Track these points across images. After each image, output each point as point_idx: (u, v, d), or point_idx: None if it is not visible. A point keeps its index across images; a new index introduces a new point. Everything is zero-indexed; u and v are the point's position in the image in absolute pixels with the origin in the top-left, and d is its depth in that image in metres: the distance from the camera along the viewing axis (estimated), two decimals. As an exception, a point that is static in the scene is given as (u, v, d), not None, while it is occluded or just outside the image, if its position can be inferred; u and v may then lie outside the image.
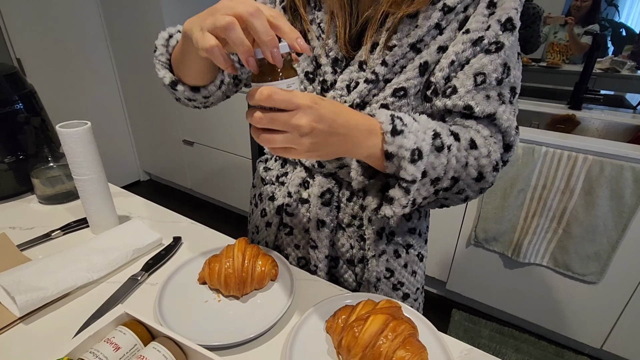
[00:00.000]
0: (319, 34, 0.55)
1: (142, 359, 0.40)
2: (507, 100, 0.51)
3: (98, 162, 0.65)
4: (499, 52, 0.48)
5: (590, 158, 1.24)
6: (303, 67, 0.58)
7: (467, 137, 0.49)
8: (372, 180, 0.50)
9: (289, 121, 0.37)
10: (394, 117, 0.44)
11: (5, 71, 0.79)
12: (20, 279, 0.53)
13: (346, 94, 0.55)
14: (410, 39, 0.50)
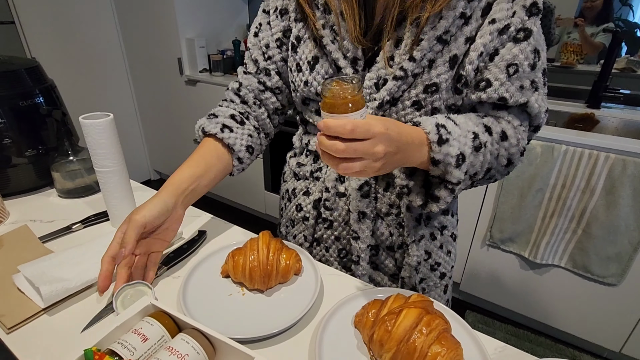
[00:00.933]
0: (333, 37, 0.55)
1: (171, 350, 0.39)
2: (541, 84, 0.51)
3: (120, 154, 0.65)
4: (528, 39, 0.49)
5: (612, 156, 1.21)
6: (322, 74, 0.58)
7: (498, 130, 0.52)
8: (413, 178, 0.54)
9: (369, 150, 0.40)
10: (439, 126, 0.47)
11: (26, 65, 0.80)
12: (43, 270, 0.53)
13: (375, 91, 0.55)
14: (437, 31, 0.49)
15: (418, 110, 0.53)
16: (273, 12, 0.62)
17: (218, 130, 0.62)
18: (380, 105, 0.54)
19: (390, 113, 0.55)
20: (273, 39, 0.63)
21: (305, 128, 0.68)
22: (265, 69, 0.66)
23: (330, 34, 0.55)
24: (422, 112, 0.53)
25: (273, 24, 0.62)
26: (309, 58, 0.58)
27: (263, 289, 0.53)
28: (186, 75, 2.30)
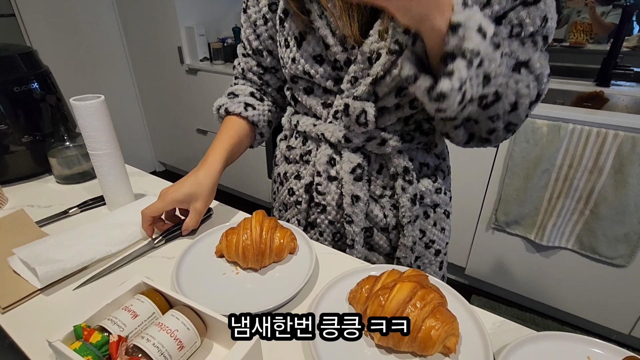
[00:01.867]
0: (320, 12, 0.52)
1: (161, 326, 0.38)
2: (541, 47, 0.49)
3: (113, 137, 0.65)
4: (538, 3, 0.46)
5: (622, 134, 1.17)
6: (310, 52, 0.55)
7: (510, 65, 0.47)
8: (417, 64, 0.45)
9: None
10: None
11: (20, 51, 0.79)
12: (39, 252, 0.53)
13: (368, 67, 0.52)
14: None
15: None
16: None
17: (242, 110, 0.66)
18: (374, 81, 0.52)
19: (381, 88, 0.53)
20: (260, 15, 0.61)
21: (295, 107, 0.66)
22: (257, 49, 0.65)
23: (318, 8, 0.52)
24: None
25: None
26: (295, 34, 0.56)
27: (257, 267, 0.52)
28: (187, 65, 2.29)
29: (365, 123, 0.54)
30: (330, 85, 0.57)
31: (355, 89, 0.54)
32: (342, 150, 0.60)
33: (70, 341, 0.38)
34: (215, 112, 0.70)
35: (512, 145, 1.36)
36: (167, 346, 0.37)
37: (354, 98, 0.54)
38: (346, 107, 0.55)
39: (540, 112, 1.29)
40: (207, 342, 0.43)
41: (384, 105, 0.55)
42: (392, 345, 0.40)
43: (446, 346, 0.39)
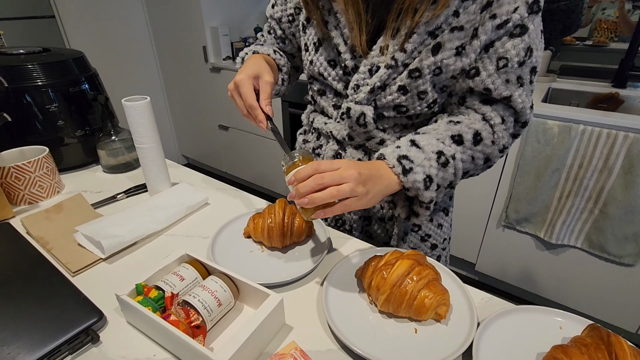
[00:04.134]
0: (336, 23, 0.59)
1: (203, 287, 0.47)
2: (527, 81, 0.54)
3: (156, 133, 0.74)
4: (523, 36, 0.50)
5: (632, 136, 1.20)
6: (325, 56, 0.63)
7: (470, 136, 0.55)
8: (396, 195, 0.59)
9: (342, 174, 0.45)
10: (401, 158, 0.52)
11: (73, 55, 0.90)
12: (99, 229, 0.63)
13: (368, 77, 0.59)
14: (429, 27, 0.52)
15: (404, 95, 0.57)
16: None
17: (271, 52, 0.71)
18: (371, 90, 0.58)
19: (379, 97, 0.59)
20: (286, 14, 0.70)
21: (314, 105, 0.74)
22: (281, 37, 0.74)
23: (334, 20, 0.60)
24: (407, 97, 0.57)
25: (288, 0, 0.69)
26: (314, 40, 0.64)
27: (280, 246, 0.61)
28: (211, 63, 2.40)
29: (365, 124, 0.61)
30: (341, 88, 0.64)
31: (357, 94, 0.61)
32: (347, 146, 0.67)
33: (133, 296, 0.47)
34: (240, 59, 0.72)
35: (523, 144, 1.40)
36: (209, 302, 0.46)
37: (356, 102, 0.61)
38: (348, 110, 0.62)
39: (552, 113, 1.33)
40: (238, 304, 0.51)
41: (382, 112, 0.62)
42: (392, 311, 0.48)
43: (437, 313, 0.47)
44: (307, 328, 0.48)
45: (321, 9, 0.61)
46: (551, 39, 1.98)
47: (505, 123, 0.56)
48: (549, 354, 0.41)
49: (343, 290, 0.53)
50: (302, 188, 0.45)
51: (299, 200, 0.46)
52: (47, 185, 0.78)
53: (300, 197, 0.45)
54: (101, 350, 0.45)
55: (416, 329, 0.47)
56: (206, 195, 0.77)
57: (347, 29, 0.58)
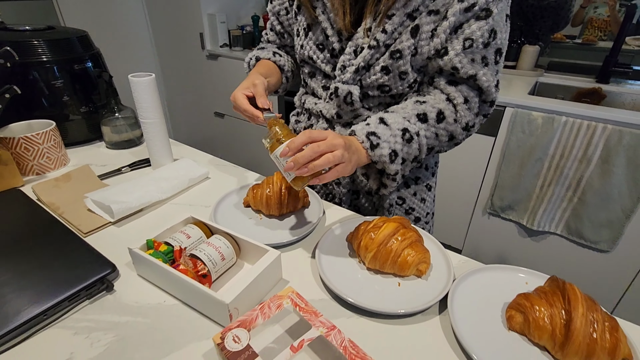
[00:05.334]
0: (323, 9, 0.64)
1: (208, 243, 0.52)
2: (492, 62, 0.58)
3: (160, 109, 0.78)
4: (487, 18, 0.55)
5: (610, 127, 1.27)
6: (314, 40, 0.68)
7: (433, 115, 0.61)
8: (369, 168, 0.67)
9: (332, 142, 0.50)
10: (369, 134, 0.57)
11: (77, 34, 0.93)
12: (107, 195, 0.67)
13: (353, 57, 0.64)
14: (407, 9, 0.57)
15: (387, 75, 0.62)
16: None
17: (271, 55, 0.77)
18: (356, 70, 0.63)
19: (364, 77, 0.64)
20: (283, 7, 0.75)
21: (305, 88, 0.79)
22: (280, 32, 0.80)
23: (322, 5, 0.64)
24: (390, 77, 0.62)
25: None
26: (304, 25, 0.69)
27: (277, 214, 0.66)
28: (207, 50, 2.42)
29: (352, 102, 0.66)
30: (329, 70, 0.69)
31: (344, 75, 0.65)
32: (335, 124, 0.72)
33: (144, 250, 0.52)
34: (247, 64, 0.79)
35: (509, 135, 1.47)
36: (213, 256, 0.51)
37: (343, 82, 0.66)
38: (336, 89, 0.66)
39: (537, 104, 1.39)
40: (239, 262, 0.56)
41: (367, 92, 0.66)
42: (378, 267, 0.53)
43: (419, 269, 0.53)
44: (302, 282, 0.53)
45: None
46: (540, 35, 2.04)
47: (468, 103, 0.61)
48: (513, 301, 0.47)
49: (334, 251, 0.58)
50: (301, 158, 0.48)
51: (299, 170, 0.49)
52: (54, 157, 0.82)
53: (300, 166, 0.48)
54: (115, 297, 0.50)
55: (399, 282, 0.53)
56: (207, 170, 0.81)
57: (333, 13, 0.63)
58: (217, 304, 0.44)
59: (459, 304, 0.48)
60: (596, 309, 0.41)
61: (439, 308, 0.50)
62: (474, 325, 0.45)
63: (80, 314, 0.47)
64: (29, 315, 0.44)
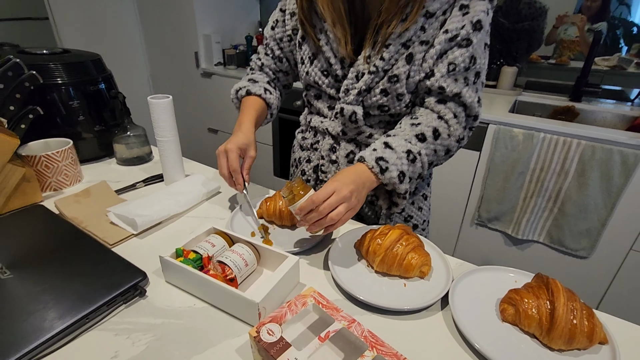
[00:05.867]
0: (326, 40, 0.72)
1: (233, 251, 0.58)
2: (471, 82, 0.67)
3: (175, 129, 0.84)
4: (468, 47, 0.64)
5: (583, 143, 1.39)
6: (319, 67, 0.75)
7: (430, 133, 0.68)
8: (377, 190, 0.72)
9: (339, 196, 0.57)
10: (378, 159, 0.64)
11: (91, 57, 0.98)
12: (129, 209, 0.72)
13: (356, 82, 0.71)
14: (402, 39, 0.65)
15: (386, 96, 0.69)
16: (288, 13, 0.80)
17: (262, 92, 0.83)
18: (359, 92, 0.71)
19: (366, 99, 0.72)
20: (285, 34, 0.82)
21: (310, 109, 0.86)
22: (279, 57, 0.86)
23: (325, 37, 0.72)
24: (388, 98, 0.70)
25: (287, 22, 0.81)
26: (309, 54, 0.76)
27: (289, 225, 0.72)
28: (202, 68, 2.49)
29: (356, 121, 0.74)
30: (333, 93, 0.77)
31: (348, 97, 0.73)
32: (340, 140, 0.80)
33: (173, 258, 0.57)
34: (234, 93, 0.85)
35: (493, 150, 1.57)
36: (238, 262, 0.56)
37: (347, 103, 0.74)
38: (342, 110, 0.74)
39: (517, 122, 1.50)
40: (259, 268, 0.62)
41: (369, 111, 0.74)
42: (385, 270, 0.60)
43: (422, 271, 0.59)
44: (317, 285, 0.59)
45: (314, 28, 0.73)
46: (518, 57, 2.19)
47: (457, 118, 0.69)
48: (505, 296, 0.53)
49: (345, 257, 0.64)
50: (309, 221, 0.58)
51: (309, 228, 0.59)
52: (71, 174, 0.86)
53: (310, 227, 0.59)
54: (148, 301, 0.54)
55: (405, 283, 0.59)
56: (219, 184, 0.87)
57: (336, 44, 0.71)
58: (248, 303, 0.49)
59: (458, 301, 0.54)
60: (575, 299, 0.48)
61: (441, 305, 0.56)
62: (473, 319, 0.52)
63: (118, 317, 0.52)
64: (73, 319, 0.49)
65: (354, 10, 0.70)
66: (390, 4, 0.63)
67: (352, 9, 0.70)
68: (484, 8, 0.64)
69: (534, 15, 2.15)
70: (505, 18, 2.17)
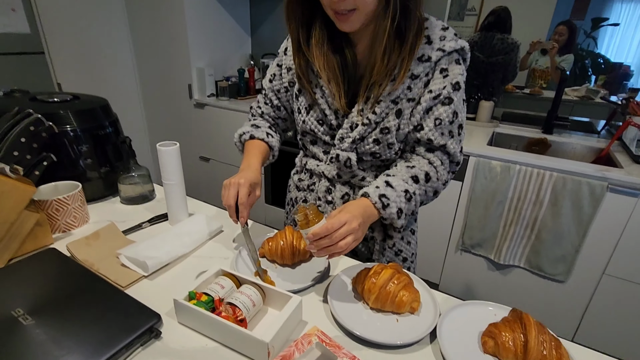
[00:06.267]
0: (322, 94, 0.81)
1: (241, 292, 0.63)
2: (456, 134, 0.77)
3: (181, 172, 0.90)
4: (450, 104, 0.74)
5: (555, 175, 1.50)
6: (315, 117, 0.84)
7: (422, 176, 0.77)
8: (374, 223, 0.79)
9: (349, 228, 0.64)
10: (381, 196, 0.71)
11: (100, 103, 1.05)
12: (139, 252, 0.76)
13: (350, 131, 0.80)
14: (391, 97, 0.75)
15: (378, 145, 0.78)
16: (284, 68, 0.89)
17: (265, 136, 0.90)
18: (353, 141, 0.79)
19: (359, 146, 0.80)
20: (282, 86, 0.91)
21: (305, 152, 0.94)
22: (277, 106, 0.94)
23: (320, 91, 0.81)
24: (380, 147, 0.78)
25: (283, 76, 0.89)
26: (306, 105, 0.85)
27: (290, 263, 0.78)
28: (195, 99, 2.57)
29: (350, 166, 0.82)
30: (328, 139, 0.85)
31: (342, 144, 0.81)
32: (336, 183, 0.87)
33: (187, 300, 0.62)
34: (238, 137, 0.92)
35: (474, 181, 1.68)
36: (246, 303, 0.61)
37: (342, 150, 0.82)
38: (337, 155, 0.82)
39: (495, 155, 1.62)
40: (263, 307, 0.67)
41: (362, 157, 0.82)
42: (380, 307, 0.66)
43: (412, 307, 0.66)
44: (317, 320, 0.65)
45: (310, 83, 0.82)
46: (494, 89, 2.36)
47: (443, 164, 0.78)
48: (486, 329, 0.60)
49: (342, 295, 0.70)
50: (319, 246, 0.64)
51: (317, 253, 0.65)
52: (79, 216, 0.90)
53: (319, 252, 0.65)
54: (164, 343, 0.59)
55: (397, 319, 0.65)
56: (221, 223, 0.92)
57: (330, 97, 0.80)
58: (258, 343, 0.54)
59: (445, 334, 0.61)
60: (545, 332, 0.56)
61: (430, 338, 0.62)
62: (458, 351, 0.58)
63: (136, 359, 0.56)
64: (96, 362, 0.53)
65: (347, 69, 0.79)
66: (381, 67, 0.72)
67: (345, 68, 0.79)
68: (460, 71, 0.74)
69: (506, 50, 2.33)
70: (481, 52, 2.34)
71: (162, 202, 1.07)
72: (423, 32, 0.72)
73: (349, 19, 0.69)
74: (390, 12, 0.67)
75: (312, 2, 0.74)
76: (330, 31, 0.77)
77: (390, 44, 0.71)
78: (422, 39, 0.72)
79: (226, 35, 2.69)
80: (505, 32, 2.24)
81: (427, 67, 0.73)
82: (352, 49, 0.79)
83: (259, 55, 2.82)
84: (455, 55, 0.74)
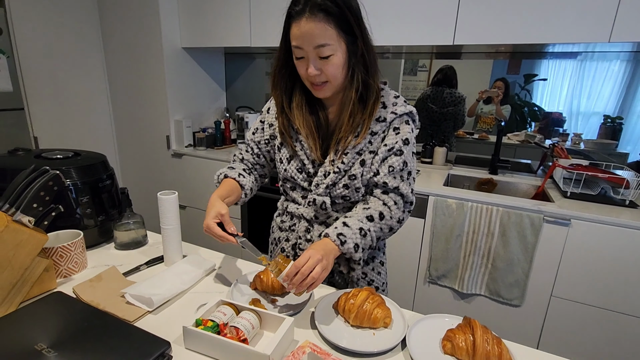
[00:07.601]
0: (301, 147, 0.98)
1: (241, 317, 0.74)
2: (405, 179, 0.94)
3: (178, 218, 1.01)
4: (401, 155, 0.92)
5: (501, 210, 1.74)
6: (295, 166, 0.99)
7: (376, 215, 0.89)
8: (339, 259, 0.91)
9: (313, 261, 0.76)
10: (339, 235, 0.83)
11: (99, 159, 1.16)
12: (143, 289, 0.85)
13: (324, 178, 0.96)
14: (355, 149, 0.92)
15: (347, 189, 0.92)
16: (266, 124, 1.05)
17: (236, 176, 1.02)
18: (326, 186, 0.95)
19: (332, 191, 0.95)
20: (263, 139, 1.07)
21: (286, 197, 1.09)
22: (257, 154, 1.09)
23: (300, 145, 0.97)
24: (349, 191, 0.92)
25: (265, 130, 1.06)
26: (287, 156, 1.01)
27: (279, 293, 0.89)
28: (173, 150, 2.68)
29: (325, 209, 0.97)
30: (306, 185, 1.00)
31: (318, 189, 0.97)
32: (314, 223, 1.01)
33: (194, 327, 0.71)
34: (216, 177, 1.02)
35: (434, 217, 1.88)
36: (247, 326, 0.72)
37: (318, 195, 0.97)
38: (314, 200, 0.97)
39: (450, 194, 1.85)
40: (260, 331, 0.77)
41: (335, 200, 0.98)
42: (358, 323, 0.79)
43: (385, 322, 0.79)
44: (306, 338, 0.76)
45: (291, 138, 0.99)
46: (446, 137, 2.67)
47: (397, 205, 0.93)
48: (445, 334, 0.74)
49: (326, 316, 0.82)
50: (295, 283, 0.75)
51: (297, 291, 0.77)
52: (80, 262, 0.97)
53: (297, 288, 0.76)
54: (175, 365, 0.68)
55: (374, 332, 0.78)
56: (214, 262, 1.03)
57: (308, 150, 0.96)
58: (260, 356, 0.65)
59: (413, 342, 0.74)
60: (488, 332, 0.71)
61: (401, 346, 0.75)
62: (424, 353, 0.71)
63: (152, 380, 0.64)
64: (119, 383, 0.61)
65: (321, 127, 0.98)
66: (347, 126, 0.91)
67: (320, 126, 0.98)
68: (410, 129, 0.94)
69: (455, 102, 2.69)
70: (434, 104, 2.68)
71: (154, 246, 1.16)
72: (380, 99, 0.93)
73: (322, 88, 0.88)
74: (354, 85, 0.88)
75: (293, 75, 0.93)
76: (308, 97, 0.96)
77: (355, 109, 0.91)
78: (379, 105, 0.93)
79: (203, 90, 2.90)
80: (453, 87, 2.61)
81: (384, 125, 0.93)
82: (325, 111, 0.98)
83: (234, 108, 3.03)
84: (405, 117, 0.94)
